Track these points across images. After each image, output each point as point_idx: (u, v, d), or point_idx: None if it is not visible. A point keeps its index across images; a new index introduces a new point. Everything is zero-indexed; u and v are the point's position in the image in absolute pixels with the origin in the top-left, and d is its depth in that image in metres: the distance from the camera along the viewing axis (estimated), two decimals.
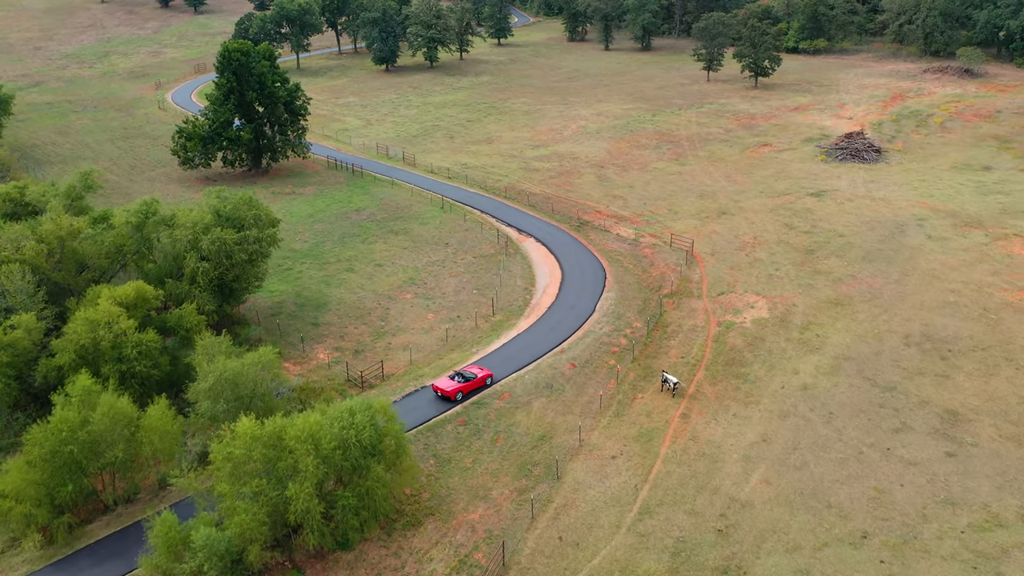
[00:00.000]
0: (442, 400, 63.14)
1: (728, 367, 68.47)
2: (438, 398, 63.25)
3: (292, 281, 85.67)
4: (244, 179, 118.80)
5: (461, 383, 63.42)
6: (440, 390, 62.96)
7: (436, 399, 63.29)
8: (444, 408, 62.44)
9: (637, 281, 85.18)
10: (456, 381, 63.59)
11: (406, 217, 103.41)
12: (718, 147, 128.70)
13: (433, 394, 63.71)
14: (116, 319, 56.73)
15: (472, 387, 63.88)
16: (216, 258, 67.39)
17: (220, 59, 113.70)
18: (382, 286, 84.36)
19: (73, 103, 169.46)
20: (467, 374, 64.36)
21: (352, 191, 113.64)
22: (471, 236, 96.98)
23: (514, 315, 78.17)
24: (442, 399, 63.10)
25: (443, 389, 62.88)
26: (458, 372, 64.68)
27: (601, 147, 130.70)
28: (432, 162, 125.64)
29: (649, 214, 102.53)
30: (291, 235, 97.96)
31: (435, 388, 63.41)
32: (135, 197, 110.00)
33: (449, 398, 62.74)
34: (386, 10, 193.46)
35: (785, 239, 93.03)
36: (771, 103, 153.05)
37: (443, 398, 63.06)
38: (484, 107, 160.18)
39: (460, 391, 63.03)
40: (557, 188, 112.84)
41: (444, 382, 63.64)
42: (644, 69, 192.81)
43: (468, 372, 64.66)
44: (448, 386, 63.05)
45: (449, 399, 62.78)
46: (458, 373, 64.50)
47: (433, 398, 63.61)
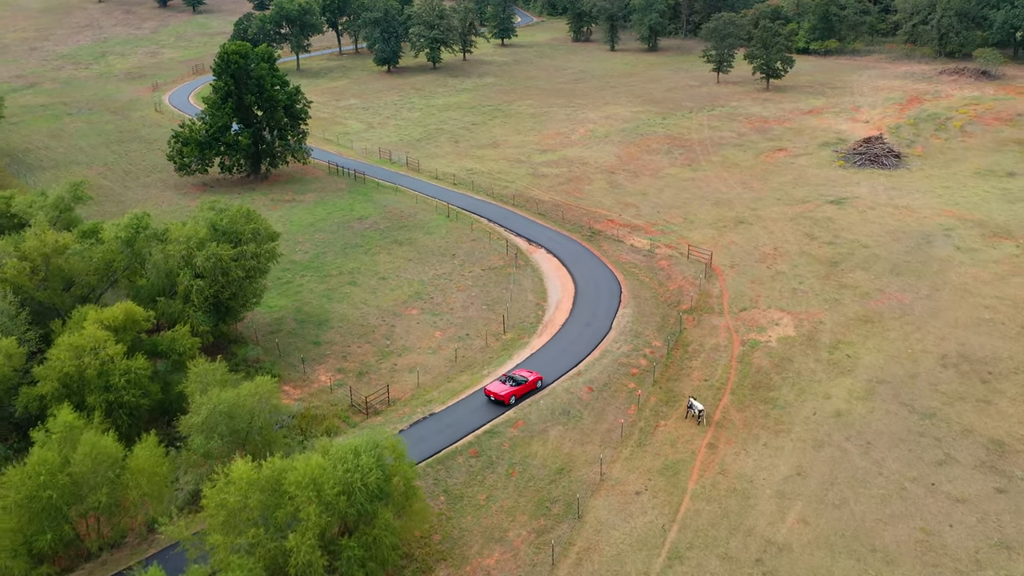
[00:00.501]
0: (495, 404, 61.85)
1: (755, 391, 64.42)
2: (491, 402, 62.01)
3: (292, 295, 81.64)
4: (242, 185, 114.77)
5: (514, 387, 62.14)
6: (493, 394, 61.60)
7: (488, 403, 62.04)
8: (453, 437, 58.41)
9: (654, 296, 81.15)
10: (508, 385, 62.35)
11: (411, 226, 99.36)
12: (732, 152, 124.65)
13: (485, 399, 62.57)
14: (102, 344, 52.73)
15: (524, 391, 62.62)
16: (211, 275, 63.38)
17: (218, 61, 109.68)
18: (386, 301, 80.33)
19: (68, 105, 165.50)
20: (518, 377, 63.09)
21: (354, 198, 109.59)
22: (479, 247, 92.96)
23: (526, 333, 74.13)
24: (495, 403, 61.85)
25: (496, 393, 61.56)
26: (509, 375, 63.47)
27: (611, 152, 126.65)
28: (437, 167, 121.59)
29: (663, 223, 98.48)
30: (291, 246, 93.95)
31: (488, 392, 62.02)
32: (129, 205, 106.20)
33: (503, 402, 61.53)
34: (388, 10, 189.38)
35: (807, 250, 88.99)
36: (784, 106, 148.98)
37: (496, 402, 61.81)
38: (489, 110, 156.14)
39: (513, 395, 61.77)
40: (566, 195, 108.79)
41: (496, 386, 62.28)
42: (651, 70, 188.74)
43: (519, 376, 63.40)
44: (501, 390, 61.74)
45: (503, 403, 61.57)
46: (509, 376, 63.28)
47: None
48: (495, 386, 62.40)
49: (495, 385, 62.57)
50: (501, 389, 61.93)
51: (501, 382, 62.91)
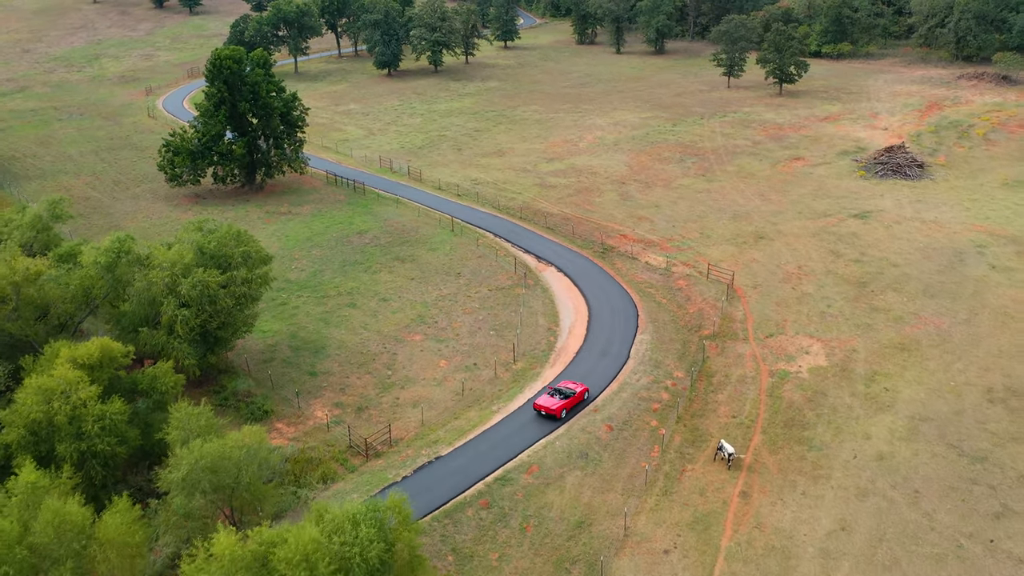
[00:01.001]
0: (546, 419, 59.86)
1: (788, 429, 59.36)
2: (541, 417, 60.06)
3: (287, 319, 76.53)
4: (236, 197, 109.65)
5: (563, 400, 60.23)
6: (544, 408, 59.63)
7: (538, 418, 60.13)
8: (462, 485, 53.31)
9: (673, 320, 76.05)
10: (558, 398, 60.41)
11: (413, 241, 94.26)
12: (747, 161, 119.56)
13: (535, 413, 60.59)
14: (74, 387, 47.64)
15: (573, 403, 60.85)
16: (198, 304, 58.27)
17: (210, 67, 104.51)
18: (388, 325, 75.22)
19: (58, 110, 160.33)
20: (565, 390, 61.13)
21: (353, 211, 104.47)
22: (485, 264, 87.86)
23: (538, 362, 69.03)
24: (547, 418, 59.91)
25: (547, 407, 59.56)
26: (555, 388, 61.51)
27: (620, 161, 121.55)
28: (439, 177, 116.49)
29: (679, 238, 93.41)
30: (286, 263, 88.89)
31: (537, 407, 60.03)
32: (117, 218, 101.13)
33: (555, 416, 59.58)
34: (388, 12, 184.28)
35: (833, 269, 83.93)
36: (799, 112, 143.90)
37: (548, 416, 59.85)
38: (493, 115, 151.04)
39: (564, 408, 59.98)
40: (576, 207, 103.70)
41: (546, 400, 60.31)
42: (659, 74, 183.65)
43: (566, 388, 61.43)
44: (552, 404, 59.78)
45: (555, 417, 59.65)
46: (556, 389, 61.33)
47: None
48: (544, 400, 60.21)
49: (544, 399, 60.31)
50: (552, 403, 59.76)
51: (549, 395, 60.77)
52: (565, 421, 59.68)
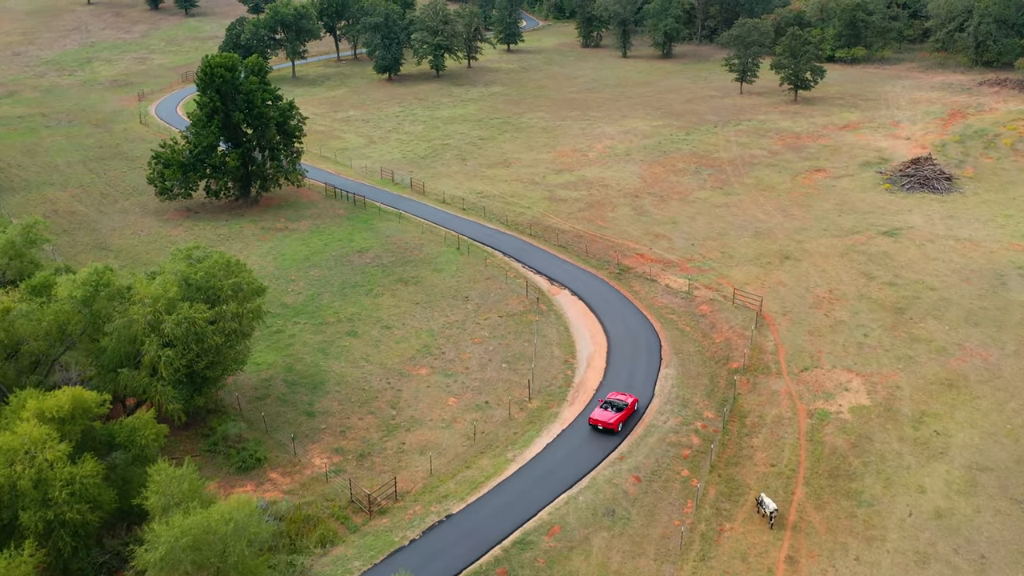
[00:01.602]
0: (603, 433, 58.52)
1: (834, 480, 53.94)
2: (598, 431, 58.73)
3: (283, 349, 70.99)
4: (230, 211, 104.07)
5: (618, 413, 58.97)
6: (601, 423, 58.39)
7: (593, 432, 58.76)
8: (476, 550, 47.81)
9: (699, 350, 70.60)
10: (612, 411, 59.15)
11: (417, 261, 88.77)
12: (765, 173, 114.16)
13: (590, 428, 59.24)
14: (40, 446, 42.13)
15: (626, 415, 59.77)
16: (183, 342, 52.76)
17: (202, 75, 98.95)
18: (391, 357, 69.70)
19: (47, 116, 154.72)
20: (618, 402, 59.83)
21: (353, 226, 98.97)
22: (495, 287, 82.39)
23: (555, 400, 63.57)
24: (604, 432, 58.64)
25: (604, 421, 58.35)
26: (608, 401, 60.01)
27: (633, 172, 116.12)
28: (443, 190, 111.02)
29: (700, 258, 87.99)
30: (282, 284, 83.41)
31: (593, 422, 58.74)
32: (104, 234, 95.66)
33: (612, 430, 58.48)
34: (389, 14, 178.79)
35: (866, 293, 78.53)
36: (816, 120, 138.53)
37: (605, 431, 58.66)
38: (497, 123, 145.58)
39: (620, 421, 58.78)
40: (588, 224, 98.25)
41: (601, 414, 58.94)
42: (668, 79, 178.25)
43: (618, 400, 60.09)
44: (609, 417, 58.58)
45: (612, 431, 58.55)
46: (608, 402, 59.87)
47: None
48: (600, 414, 58.89)
49: (599, 413, 58.99)
50: (608, 416, 58.52)
51: (603, 408, 59.39)
52: (622, 436, 57.94)
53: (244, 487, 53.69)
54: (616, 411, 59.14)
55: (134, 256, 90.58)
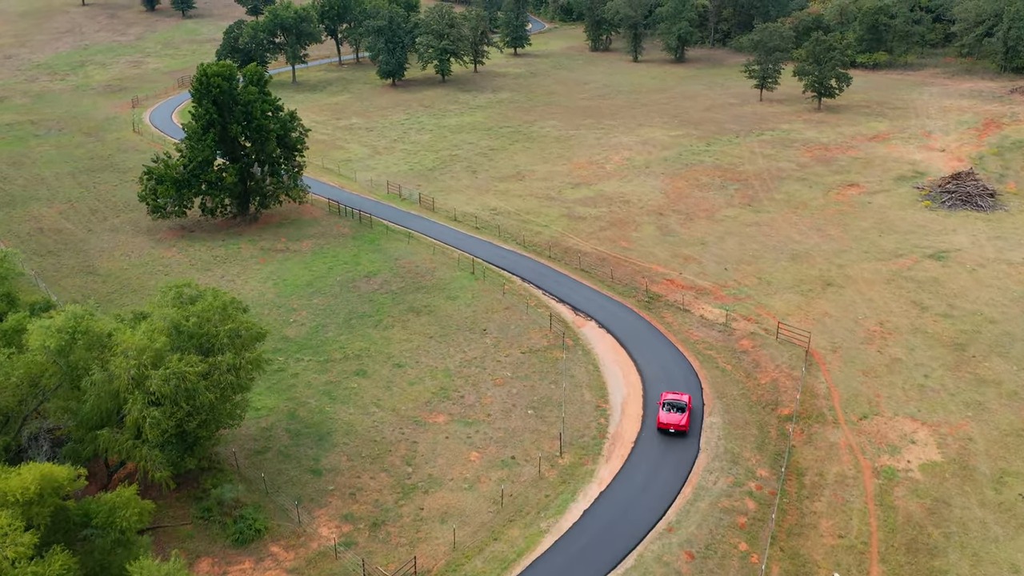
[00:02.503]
0: (674, 436, 58.23)
1: (914, 556, 47.39)
2: (670, 435, 58.35)
3: (284, 391, 64.35)
4: (227, 230, 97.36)
5: (682, 414, 58.79)
6: (673, 426, 58.03)
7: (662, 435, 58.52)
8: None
9: (743, 394, 64.04)
10: (677, 413, 58.84)
11: (429, 287, 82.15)
12: (796, 188, 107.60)
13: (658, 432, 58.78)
14: (1, 539, 35.51)
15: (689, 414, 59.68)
16: (172, 399, 46.12)
17: (197, 85, 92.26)
18: (405, 401, 63.07)
19: (36, 124, 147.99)
20: (678, 403, 59.54)
21: (360, 247, 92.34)
22: (514, 318, 75.78)
23: (590, 454, 56.97)
24: (676, 435, 58.30)
25: (675, 424, 58.05)
26: (668, 403, 59.61)
27: (655, 187, 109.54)
28: (454, 206, 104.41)
29: (735, 285, 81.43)
30: (283, 314, 76.80)
31: (663, 426, 58.25)
32: (92, 255, 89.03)
33: (684, 431, 58.19)
34: (393, 17, 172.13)
35: (920, 326, 72.00)
36: (843, 130, 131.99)
37: (677, 433, 58.27)
38: (508, 132, 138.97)
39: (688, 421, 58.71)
40: (612, 245, 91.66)
41: (669, 416, 58.48)
42: (683, 85, 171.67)
43: (677, 400, 59.78)
44: (680, 419, 58.31)
45: (684, 432, 58.21)
46: (670, 404, 59.50)
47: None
48: (667, 417, 58.51)
49: (666, 416, 58.56)
50: (677, 418, 58.33)
51: (668, 411, 58.89)
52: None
53: (242, 564, 47.09)
54: (680, 412, 58.70)
55: (123, 281, 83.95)
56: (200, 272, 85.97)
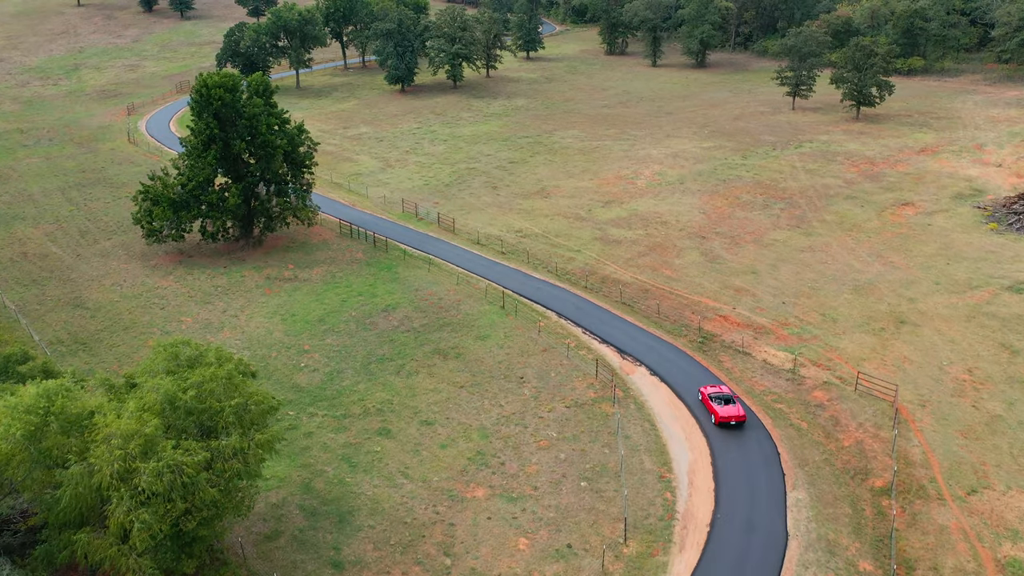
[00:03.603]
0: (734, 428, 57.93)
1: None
2: (730, 428, 58.06)
3: (298, 456, 55.82)
4: (229, 256, 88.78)
5: (734, 403, 58.93)
6: (735, 418, 57.60)
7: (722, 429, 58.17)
8: None
9: (826, 459, 55.54)
10: (729, 404, 58.71)
11: (455, 324, 73.62)
12: (846, 207, 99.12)
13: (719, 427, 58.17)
14: None
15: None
16: (165, 496, 37.58)
17: (197, 97, 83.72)
18: (437, 470, 54.54)
19: (26, 133, 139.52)
20: (724, 394, 59.72)
21: (376, 276, 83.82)
22: (554, 363, 67.27)
23: (658, 541, 48.43)
24: (737, 426, 58.08)
25: (737, 416, 57.69)
26: (717, 396, 59.44)
27: (692, 205, 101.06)
28: (476, 226, 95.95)
29: (796, 322, 72.94)
30: (293, 356, 68.30)
31: (723, 420, 57.67)
32: (80, 284, 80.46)
33: (743, 421, 58.09)
34: (402, 20, 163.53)
35: (1015, 374, 63.57)
36: (886, 142, 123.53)
37: (738, 424, 58.02)
38: (527, 142, 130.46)
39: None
40: (653, 273, 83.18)
41: (725, 410, 58.02)
42: (708, 92, 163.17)
43: (723, 393, 59.95)
44: (738, 410, 58.20)
45: (743, 422, 58.10)
46: (719, 397, 59.30)
47: None
48: (727, 410, 58.05)
49: (725, 410, 58.12)
50: (734, 411, 58.04)
51: (721, 405, 58.61)
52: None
53: None
54: (731, 402, 58.73)
55: (113, 317, 75.37)
56: (199, 305, 77.46)
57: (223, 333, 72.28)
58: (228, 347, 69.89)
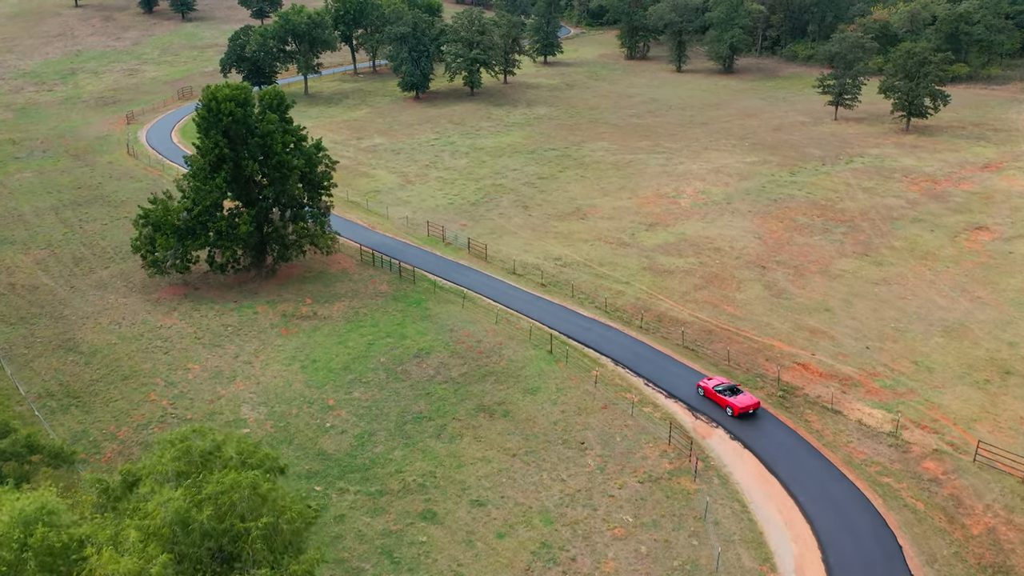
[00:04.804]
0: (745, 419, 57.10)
1: None
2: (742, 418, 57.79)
3: (329, 548, 46.87)
4: (240, 288, 79.96)
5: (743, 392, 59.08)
6: (751, 406, 57.85)
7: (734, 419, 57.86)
8: None
9: (955, 552, 46.77)
10: (740, 395, 58.52)
11: (499, 374, 64.84)
12: (914, 232, 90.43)
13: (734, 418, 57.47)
14: None
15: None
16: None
17: (203, 114, 74.87)
18: (496, 568, 45.73)
19: (18, 144, 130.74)
20: (729, 384, 59.75)
21: (404, 312, 75.03)
22: (617, 423, 58.48)
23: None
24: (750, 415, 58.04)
25: (754, 404, 58.05)
26: (724, 388, 59.35)
27: (745, 229, 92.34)
28: (510, 253, 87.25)
29: (886, 371, 64.20)
30: (317, 414, 59.52)
31: (743, 410, 57.49)
32: (72, 323, 71.68)
33: (758, 407, 58.46)
34: (417, 24, 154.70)
35: None
36: (944, 156, 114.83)
37: (753, 413, 58.13)
38: (554, 155, 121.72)
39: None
40: (714, 310, 74.42)
41: (740, 400, 57.96)
42: (740, 100, 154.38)
43: (725, 383, 59.91)
44: (751, 399, 58.43)
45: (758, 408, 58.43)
46: (727, 388, 59.32)
47: None
48: (742, 401, 57.91)
49: (741, 400, 57.99)
50: (747, 400, 58.10)
51: (732, 394, 58.65)
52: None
53: None
54: (740, 392, 58.77)
55: (111, 363, 66.57)
56: (208, 349, 68.65)
57: (235, 384, 63.49)
58: (241, 401, 61.16)
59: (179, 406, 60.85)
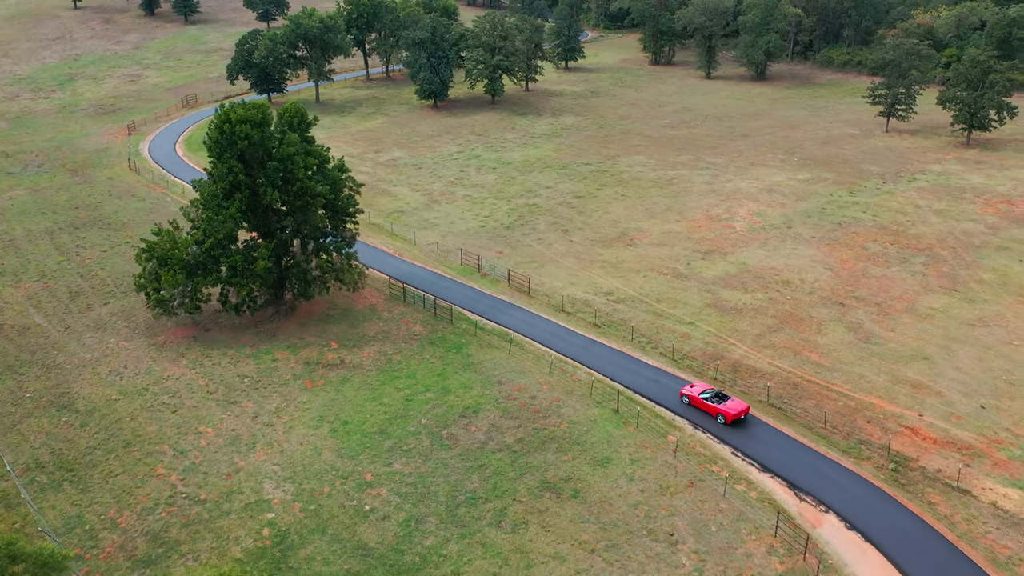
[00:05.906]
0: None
1: None
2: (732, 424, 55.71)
3: None
4: (256, 330, 70.91)
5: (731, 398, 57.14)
6: (740, 412, 55.88)
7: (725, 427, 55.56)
8: None
9: None
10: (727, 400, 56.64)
11: (560, 438, 55.90)
12: (1002, 262, 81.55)
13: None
14: None
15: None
16: None
17: (216, 136, 65.79)
18: None
19: (12, 158, 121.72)
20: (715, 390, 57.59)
21: (444, 360, 66.05)
22: (708, 506, 49.51)
23: None
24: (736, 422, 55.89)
25: (744, 410, 56.13)
26: (712, 395, 57.26)
27: (812, 258, 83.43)
28: (555, 286, 78.36)
29: (1011, 437, 55.31)
30: (352, 493, 50.61)
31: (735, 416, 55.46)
32: (66, 372, 62.76)
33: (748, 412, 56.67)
34: (436, 28, 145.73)
35: None
36: (1014, 173, 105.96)
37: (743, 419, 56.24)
38: (589, 171, 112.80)
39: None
40: (796, 358, 65.45)
41: (731, 407, 56.03)
42: (779, 109, 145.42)
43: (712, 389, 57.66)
44: (741, 405, 56.32)
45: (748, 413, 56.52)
46: (715, 395, 57.25)
47: None
48: (733, 407, 55.98)
49: (732, 407, 56.02)
50: (740, 404, 56.36)
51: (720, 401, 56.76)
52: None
53: None
54: (727, 398, 57.03)
55: (109, 426, 57.59)
56: (222, 407, 59.68)
57: (256, 454, 54.51)
58: (263, 475, 52.21)
59: (191, 483, 51.90)
